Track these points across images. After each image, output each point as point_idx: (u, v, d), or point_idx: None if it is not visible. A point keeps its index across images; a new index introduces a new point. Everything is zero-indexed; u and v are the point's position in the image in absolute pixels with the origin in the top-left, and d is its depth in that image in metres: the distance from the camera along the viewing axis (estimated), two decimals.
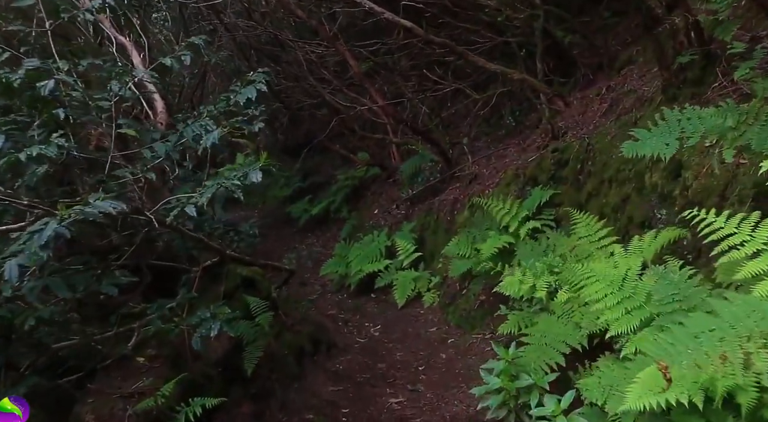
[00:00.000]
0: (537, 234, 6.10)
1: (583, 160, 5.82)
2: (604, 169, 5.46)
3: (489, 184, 7.63)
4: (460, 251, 6.88)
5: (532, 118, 8.63)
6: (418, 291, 8.00)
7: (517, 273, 5.06)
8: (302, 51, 10.19)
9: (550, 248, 5.35)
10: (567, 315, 4.43)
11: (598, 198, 5.54)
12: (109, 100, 3.88)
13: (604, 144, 5.64)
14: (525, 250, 5.75)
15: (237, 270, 4.80)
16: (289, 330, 5.29)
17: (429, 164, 9.39)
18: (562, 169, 6.10)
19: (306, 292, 9.76)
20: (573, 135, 6.20)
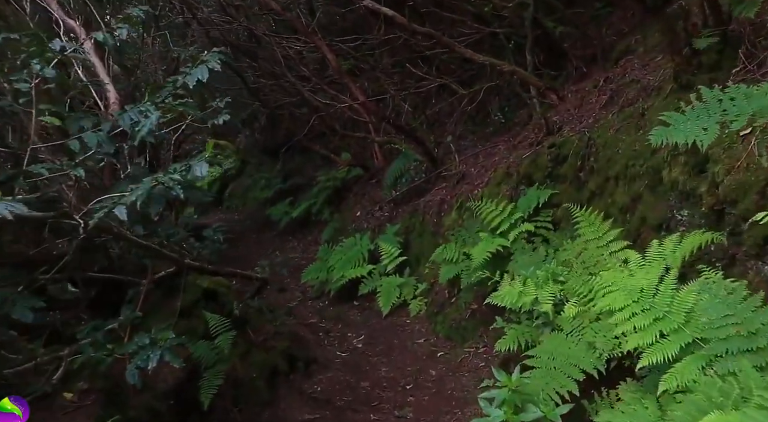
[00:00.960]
0: (533, 238, 5.37)
1: (583, 156, 5.11)
2: (609, 165, 4.75)
3: (478, 183, 6.90)
4: (449, 256, 6.13)
5: (521, 114, 7.92)
6: (404, 299, 7.25)
7: (516, 283, 4.32)
8: (280, 47, 9.39)
9: (551, 253, 4.62)
10: (577, 332, 3.69)
11: (602, 197, 4.83)
12: (28, 82, 3.07)
13: (607, 138, 4.93)
14: (523, 256, 5.03)
15: (197, 281, 4.01)
16: (260, 347, 4.50)
17: (413, 164, 8.64)
18: (560, 166, 5.39)
19: (285, 299, 8.95)
20: (571, 129, 5.50)
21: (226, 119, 4.40)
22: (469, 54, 6.70)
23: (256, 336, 4.65)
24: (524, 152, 6.34)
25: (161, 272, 3.96)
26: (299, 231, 11.63)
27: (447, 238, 6.95)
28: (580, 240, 4.26)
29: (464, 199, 6.88)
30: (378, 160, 10.13)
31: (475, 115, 9.24)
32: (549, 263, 4.55)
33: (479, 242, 5.61)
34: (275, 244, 11.72)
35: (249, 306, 5.09)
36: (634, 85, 5.36)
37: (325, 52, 7.60)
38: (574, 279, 4.05)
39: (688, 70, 4.42)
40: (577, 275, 4.07)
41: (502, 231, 5.49)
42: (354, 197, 10.46)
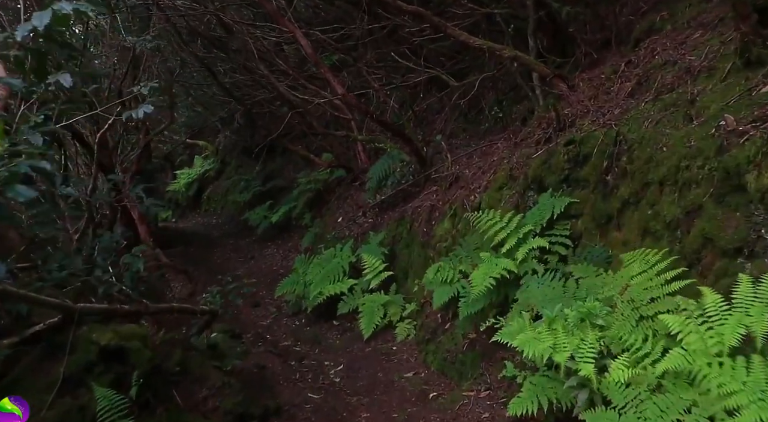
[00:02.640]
0: (547, 256, 4.12)
1: (611, 155, 3.87)
2: (650, 167, 3.50)
3: (474, 187, 5.64)
4: (443, 276, 4.86)
5: (520, 108, 6.67)
6: (389, 320, 5.97)
7: (538, 325, 3.06)
8: (253, 37, 8.05)
9: (577, 283, 3.35)
10: (633, 408, 2.44)
11: (639, 208, 3.58)
12: None
13: (643, 132, 3.69)
14: (537, 284, 3.77)
15: (94, 335, 2.72)
16: (197, 411, 3.22)
17: (399, 164, 7.36)
18: (580, 167, 4.14)
19: (258, 316, 7.65)
20: (592, 123, 4.24)
21: (148, 111, 3.11)
22: (464, 37, 5.43)
23: (196, 391, 3.36)
24: (530, 151, 5.09)
25: (40, 325, 2.65)
26: (278, 236, 10.32)
27: (439, 251, 5.69)
28: (625, 271, 3.00)
29: (459, 206, 5.62)
30: (362, 161, 8.84)
31: (468, 111, 7.98)
32: (583, 298, 3.29)
33: (479, 264, 4.35)
34: (253, 251, 10.40)
35: (191, 348, 3.80)
36: (669, 68, 4.12)
37: (298, 37, 6.30)
38: (620, 325, 2.80)
39: (757, 41, 3.18)
40: (623, 318, 2.82)
41: (508, 249, 4.23)
42: (336, 201, 9.17)
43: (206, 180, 13.17)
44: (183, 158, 14.28)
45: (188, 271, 8.85)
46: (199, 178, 13.08)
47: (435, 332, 5.25)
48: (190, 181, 13.14)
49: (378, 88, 7.86)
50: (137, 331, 3.05)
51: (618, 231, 3.78)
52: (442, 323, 5.22)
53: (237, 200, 11.61)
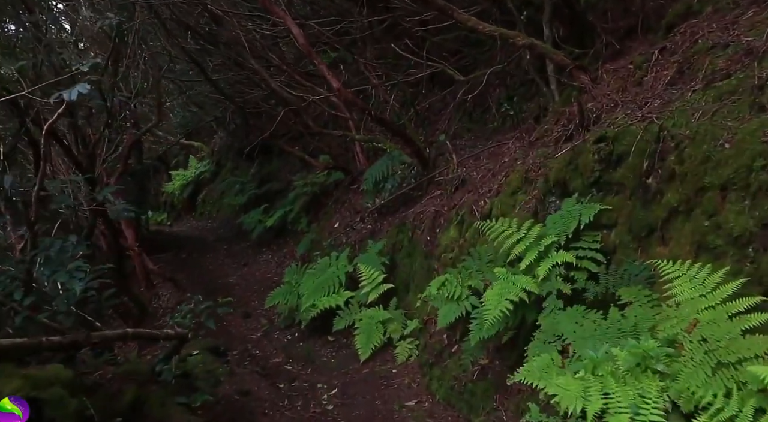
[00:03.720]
0: (574, 274, 3.39)
1: (653, 153, 3.15)
2: (707, 168, 2.79)
3: (484, 191, 4.92)
4: (449, 292, 4.14)
5: (531, 105, 5.96)
6: (389, 338, 5.26)
7: (572, 371, 2.34)
8: (244, 30, 7.35)
9: (629, 316, 2.61)
10: None
11: (692, 218, 2.86)
12: None
13: (695, 126, 2.97)
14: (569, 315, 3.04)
15: None
16: None
17: (400, 166, 6.64)
18: (614, 169, 3.41)
19: (248, 328, 6.92)
20: (628, 116, 3.51)
21: (83, 91, 2.40)
22: (472, 22, 4.71)
23: None
24: (548, 151, 4.37)
25: None
26: (274, 241, 9.60)
27: (444, 263, 4.97)
28: (691, 302, 2.28)
29: (467, 212, 4.90)
30: (360, 163, 8.14)
31: (473, 109, 7.27)
32: (618, 327, 2.57)
33: (493, 281, 3.63)
34: (247, 256, 9.67)
35: (154, 381, 3.10)
36: (719, 52, 3.40)
37: (290, 26, 5.59)
38: (689, 373, 2.07)
39: None
40: (694, 365, 2.09)
41: (527, 265, 3.50)
42: (334, 205, 8.45)
43: (201, 182, 12.45)
44: (179, 159, 13.59)
45: (176, 279, 8.14)
46: (194, 179, 12.37)
47: (440, 355, 4.53)
48: (185, 182, 12.43)
49: (377, 84, 7.14)
50: (60, 374, 2.34)
51: (663, 246, 3.06)
52: (449, 345, 4.50)
53: (232, 203, 10.90)
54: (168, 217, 13.11)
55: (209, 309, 3.53)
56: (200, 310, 3.47)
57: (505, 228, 3.73)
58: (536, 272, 3.47)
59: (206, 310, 3.50)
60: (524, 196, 4.34)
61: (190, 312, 3.49)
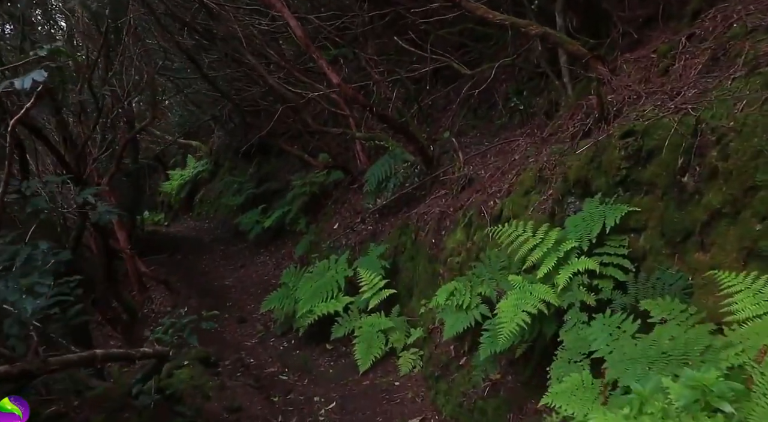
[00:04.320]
0: (598, 283, 2.99)
1: (690, 148, 2.74)
2: (758, 164, 2.39)
3: (493, 191, 4.52)
4: (457, 300, 3.74)
5: (540, 100, 5.57)
6: (391, 347, 4.85)
7: (617, 405, 1.93)
8: (240, 24, 6.94)
9: (679, 338, 2.20)
10: None
11: (738, 220, 2.47)
12: None
13: (740, 118, 2.57)
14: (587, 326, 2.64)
15: None
16: None
17: (403, 165, 6.24)
18: (643, 166, 3.01)
19: (243, 334, 6.53)
20: (659, 107, 3.11)
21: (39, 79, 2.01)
22: (482, 11, 4.32)
23: None
24: (564, 147, 3.98)
25: None
26: (271, 243, 9.21)
27: (450, 267, 4.57)
28: (754, 323, 1.87)
29: (475, 214, 4.50)
30: (361, 162, 7.73)
31: (478, 106, 6.87)
32: (663, 350, 2.16)
33: (508, 291, 3.23)
34: (244, 258, 9.29)
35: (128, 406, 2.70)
36: (761, 35, 3.01)
37: (287, 17, 5.20)
38: (762, 414, 1.66)
39: None
40: (764, 402, 1.69)
41: (545, 273, 3.10)
42: (333, 205, 8.06)
43: (199, 182, 12.05)
44: (177, 158, 13.19)
45: (169, 282, 7.74)
46: (192, 179, 11.97)
47: (447, 367, 4.13)
48: (182, 182, 12.03)
49: (379, 80, 6.74)
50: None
51: (702, 252, 2.66)
52: (456, 357, 4.10)
53: (229, 203, 10.50)
54: (165, 217, 12.71)
55: (192, 323, 3.12)
56: (182, 325, 3.06)
57: (519, 232, 3.33)
58: (556, 281, 3.07)
59: (189, 325, 3.09)
60: (538, 196, 3.94)
61: (172, 326, 3.08)
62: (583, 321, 2.91)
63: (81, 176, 6.35)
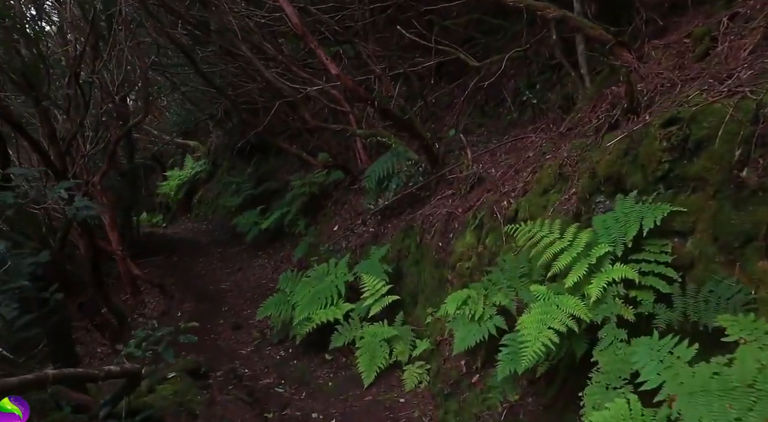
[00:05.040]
0: (636, 295, 2.53)
1: (749, 137, 2.29)
2: None
3: (506, 190, 4.06)
4: (469, 310, 3.28)
5: (552, 95, 5.11)
6: (396, 359, 4.38)
7: None
8: (236, 15, 6.49)
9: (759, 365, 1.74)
10: None
11: None
12: None
13: None
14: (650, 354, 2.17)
15: None
16: None
17: (406, 163, 5.78)
18: (689, 159, 2.56)
19: (238, 342, 6.06)
20: (708, 91, 2.65)
21: None
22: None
23: None
24: (587, 141, 3.52)
25: None
26: (270, 245, 8.74)
27: (460, 273, 4.11)
28: None
29: (486, 215, 4.04)
30: (361, 161, 7.28)
31: (485, 102, 6.41)
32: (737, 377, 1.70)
33: (530, 302, 2.77)
34: (241, 261, 8.82)
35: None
36: None
37: (283, 4, 4.74)
38: None
39: None
40: None
41: (574, 282, 2.63)
42: (333, 206, 7.60)
43: (197, 182, 11.58)
44: (176, 158, 12.74)
45: (163, 285, 7.28)
46: (190, 179, 11.51)
47: (457, 384, 3.66)
48: (180, 183, 11.57)
49: (381, 74, 6.29)
50: None
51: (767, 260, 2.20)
52: (467, 373, 3.63)
53: (227, 204, 10.04)
54: (164, 219, 12.25)
55: (169, 336, 2.66)
56: (157, 338, 2.60)
57: (544, 233, 2.87)
58: (587, 291, 2.61)
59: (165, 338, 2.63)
60: (558, 195, 3.48)
61: (145, 339, 2.62)
62: (621, 339, 2.45)
63: (65, 173, 5.90)
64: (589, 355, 2.47)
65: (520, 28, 5.90)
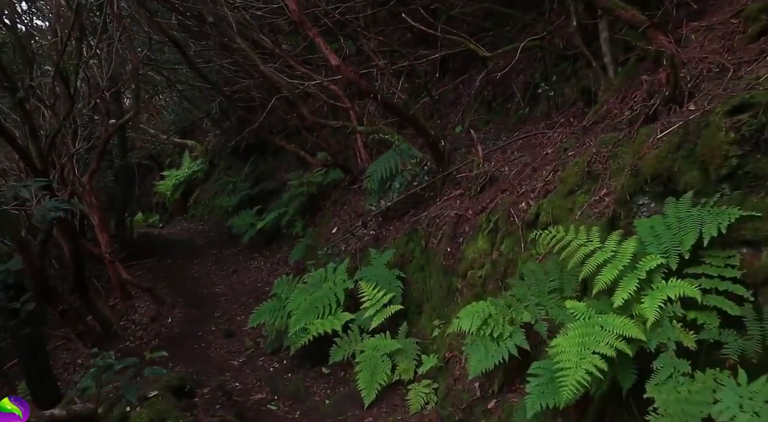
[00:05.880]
0: (698, 317, 2.02)
1: None
2: None
3: (524, 190, 3.54)
4: (488, 330, 2.76)
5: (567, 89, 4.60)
6: (399, 377, 3.86)
7: None
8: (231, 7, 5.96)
9: None
10: None
11: None
12: None
13: None
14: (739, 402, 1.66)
15: None
16: None
17: (410, 162, 5.26)
18: (764, 153, 2.05)
19: (230, 351, 5.55)
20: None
21: None
22: None
23: None
24: (620, 135, 3.01)
25: None
26: (266, 247, 8.21)
27: (471, 282, 3.59)
28: None
29: (501, 218, 3.53)
30: (362, 160, 6.75)
31: (492, 98, 5.91)
32: None
33: (566, 322, 2.26)
34: (237, 263, 8.28)
35: None
36: None
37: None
38: None
39: None
40: None
41: (624, 300, 2.12)
42: (332, 207, 7.07)
43: (194, 182, 11.04)
44: (174, 158, 12.19)
45: (153, 290, 6.75)
46: (187, 179, 10.96)
47: (470, 410, 3.14)
48: (177, 182, 11.04)
49: (383, 67, 5.77)
50: None
51: None
52: (482, 397, 3.11)
53: (223, 204, 9.50)
54: (160, 219, 11.71)
55: (133, 368, 2.12)
56: (112, 375, 2.06)
57: (581, 241, 2.36)
58: (639, 312, 2.10)
59: (128, 371, 2.09)
60: (587, 196, 2.97)
61: (104, 371, 2.09)
62: (684, 372, 1.94)
63: (46, 171, 5.38)
64: (645, 393, 1.96)
65: (532, 19, 5.42)
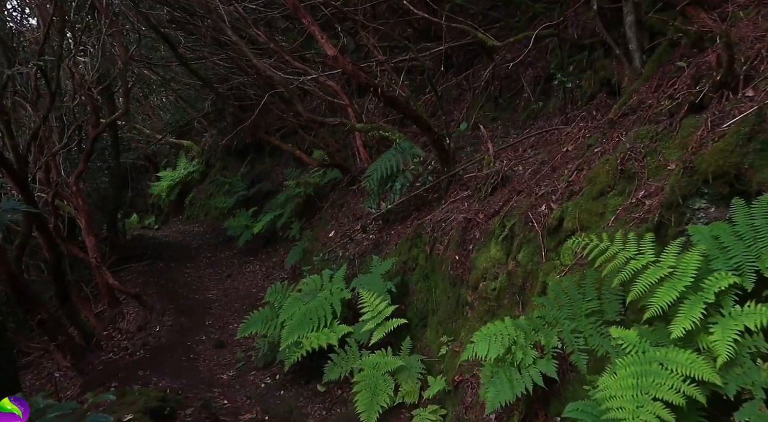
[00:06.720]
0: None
1: None
2: None
3: (543, 192, 3.06)
4: (511, 357, 2.27)
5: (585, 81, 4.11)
6: (402, 400, 3.36)
7: None
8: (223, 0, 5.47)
9: None
10: None
11: None
12: None
13: None
14: None
15: None
16: None
17: (413, 161, 4.77)
18: None
19: (220, 363, 5.05)
20: None
21: None
22: None
23: None
24: (658, 128, 2.53)
25: None
26: (262, 250, 7.72)
27: (484, 295, 3.11)
28: None
29: (518, 222, 3.04)
30: (361, 160, 6.28)
31: (499, 94, 5.44)
32: None
33: (614, 354, 1.77)
34: (231, 266, 7.78)
35: None
36: None
37: None
38: None
39: None
40: None
41: (686, 330, 1.63)
42: (330, 209, 6.58)
43: (190, 183, 10.55)
44: (169, 158, 11.70)
45: (141, 296, 6.24)
46: (182, 180, 10.47)
47: None
48: (172, 183, 10.55)
49: (384, 60, 5.29)
50: None
51: None
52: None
53: (219, 206, 9.01)
54: (156, 220, 11.21)
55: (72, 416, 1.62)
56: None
57: (630, 253, 1.87)
58: (708, 345, 1.61)
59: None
60: (621, 197, 2.49)
61: None
62: None
63: (23, 170, 4.88)
64: None
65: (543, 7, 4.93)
